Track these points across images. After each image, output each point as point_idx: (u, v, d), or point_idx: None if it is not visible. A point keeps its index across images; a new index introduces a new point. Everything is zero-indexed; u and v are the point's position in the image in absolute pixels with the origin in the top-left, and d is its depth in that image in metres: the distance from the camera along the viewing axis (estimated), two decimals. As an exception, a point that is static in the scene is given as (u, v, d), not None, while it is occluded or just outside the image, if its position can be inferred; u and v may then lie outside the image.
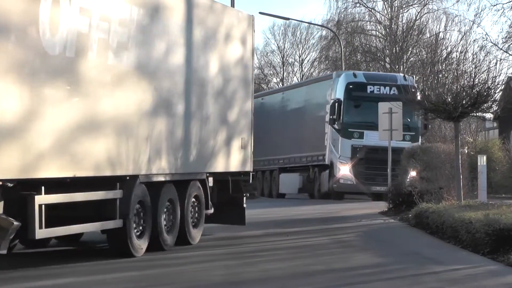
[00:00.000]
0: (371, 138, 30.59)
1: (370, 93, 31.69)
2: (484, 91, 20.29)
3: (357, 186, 31.34)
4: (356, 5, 48.38)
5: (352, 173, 31.16)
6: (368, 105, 30.88)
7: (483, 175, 22.70)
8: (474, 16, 51.79)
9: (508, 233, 14.02)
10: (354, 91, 32.00)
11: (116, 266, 13.34)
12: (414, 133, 31.41)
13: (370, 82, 32.01)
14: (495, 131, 46.40)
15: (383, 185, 29.12)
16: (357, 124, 31.73)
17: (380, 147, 29.28)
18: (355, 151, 31.35)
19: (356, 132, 31.54)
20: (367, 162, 31.06)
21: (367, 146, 31.11)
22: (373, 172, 30.83)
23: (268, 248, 16.00)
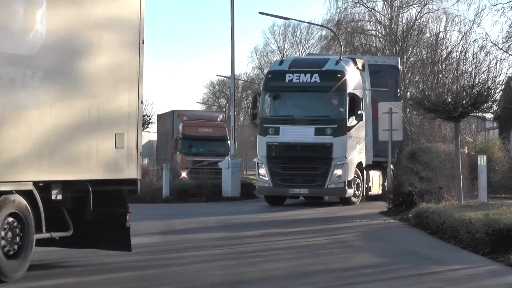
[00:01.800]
0: (287, 134, 26.75)
1: (289, 82, 27.20)
2: (484, 91, 20.30)
3: (274, 189, 27.09)
4: (356, 5, 48.39)
5: (268, 174, 26.89)
6: (285, 96, 27.48)
7: (483, 175, 22.68)
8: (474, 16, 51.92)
9: (508, 233, 14.03)
10: (271, 81, 27.87)
11: (116, 266, 13.34)
12: (337, 126, 26.65)
13: (291, 69, 27.44)
14: (495, 131, 46.42)
15: (303, 187, 26.65)
16: (272, 119, 27.38)
17: (298, 144, 26.56)
18: (270, 149, 26.99)
19: (271, 128, 27.10)
20: (283, 161, 26.78)
21: (283, 143, 26.78)
22: (290, 172, 26.62)
23: (268, 248, 16.00)
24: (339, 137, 26.46)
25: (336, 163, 26.30)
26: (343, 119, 26.69)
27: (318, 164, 26.28)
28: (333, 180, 26.40)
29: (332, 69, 26.98)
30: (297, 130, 26.49)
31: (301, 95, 27.07)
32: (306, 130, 26.47)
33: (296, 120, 26.64)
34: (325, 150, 26.31)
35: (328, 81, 26.62)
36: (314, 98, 26.97)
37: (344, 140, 26.57)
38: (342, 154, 26.50)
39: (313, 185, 26.49)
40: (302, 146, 26.38)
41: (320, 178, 26.41)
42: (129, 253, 13.65)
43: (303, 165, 26.22)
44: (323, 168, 26.34)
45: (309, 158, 26.22)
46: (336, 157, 26.35)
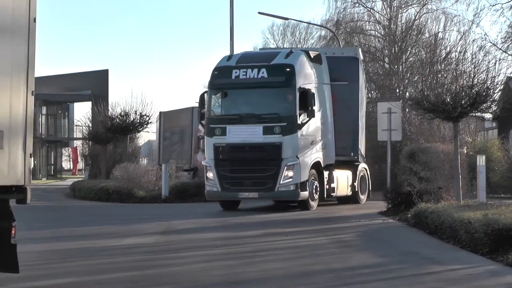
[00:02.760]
0: (234, 134, 24.87)
1: (235, 79, 25.25)
2: (483, 91, 20.33)
3: (223, 194, 25.31)
4: (355, 5, 48.34)
5: (216, 178, 25.12)
6: (232, 94, 25.65)
7: (482, 175, 22.71)
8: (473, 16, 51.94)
9: (507, 233, 14.06)
10: (217, 78, 25.79)
11: (116, 266, 13.37)
12: (287, 124, 24.53)
13: (238, 65, 25.46)
14: (494, 131, 46.43)
15: (252, 190, 24.78)
16: (218, 119, 25.53)
17: (246, 145, 24.68)
18: (217, 151, 25.14)
19: (217, 128, 25.18)
20: (232, 163, 24.97)
21: (230, 145, 24.89)
22: (239, 175, 24.81)
23: (267, 248, 16.03)
24: (289, 135, 24.50)
25: (286, 164, 24.41)
26: (293, 117, 24.61)
27: (267, 165, 24.43)
28: (284, 182, 24.45)
29: (280, 63, 25.09)
30: (245, 130, 24.72)
31: (249, 92, 25.30)
32: (254, 130, 24.63)
33: (243, 119, 24.87)
34: (274, 150, 24.43)
35: (276, 76, 24.77)
36: (262, 94, 25.18)
37: (295, 138, 24.61)
38: (293, 154, 24.58)
39: (263, 188, 24.62)
40: (250, 147, 24.63)
41: (270, 181, 24.51)
42: (129, 253, 13.69)
43: (252, 167, 24.49)
44: (273, 169, 24.44)
45: (258, 159, 24.42)
46: (286, 158, 24.45)
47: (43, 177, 72.31)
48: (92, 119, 48.12)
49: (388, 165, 29.84)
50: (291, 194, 24.64)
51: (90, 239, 17.26)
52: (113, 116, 39.68)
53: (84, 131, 55.94)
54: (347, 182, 28.02)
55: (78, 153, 76.17)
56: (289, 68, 24.76)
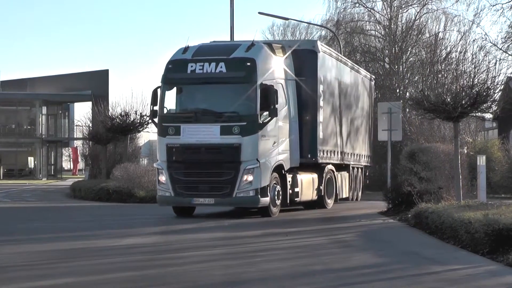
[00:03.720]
0: (189, 134, 22.63)
1: (191, 73, 22.92)
2: (483, 91, 20.32)
3: (176, 199, 22.93)
4: (356, 5, 48.36)
5: (169, 182, 22.80)
6: (187, 89, 23.43)
7: (482, 175, 22.71)
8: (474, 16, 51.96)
9: (507, 233, 14.05)
10: (171, 72, 23.38)
11: (116, 266, 13.36)
12: (247, 123, 22.25)
13: (194, 58, 23.12)
14: (495, 131, 46.45)
15: (208, 196, 22.50)
16: (172, 117, 23.21)
17: (202, 146, 22.42)
18: (171, 152, 22.82)
19: (171, 127, 22.91)
20: (186, 166, 22.66)
21: (185, 145, 22.61)
22: (194, 179, 22.56)
23: (267, 248, 16.02)
24: (249, 136, 22.19)
25: (245, 167, 22.12)
26: (253, 115, 22.28)
27: (224, 169, 22.20)
28: (243, 187, 22.16)
29: (240, 57, 22.78)
30: (201, 130, 22.48)
31: (205, 88, 23.02)
32: (210, 129, 22.35)
33: (199, 118, 22.60)
34: (232, 152, 22.15)
35: (236, 70, 22.53)
36: (220, 91, 22.96)
37: (255, 139, 22.29)
38: (253, 157, 22.25)
39: (219, 194, 22.33)
40: (206, 148, 22.37)
41: (228, 186, 22.19)
42: (129, 253, 13.69)
43: (208, 171, 22.30)
44: (231, 173, 22.17)
45: (214, 162, 22.23)
46: (245, 160, 22.16)
47: (43, 177, 72.34)
48: (92, 119, 48.10)
49: (388, 165, 29.84)
50: (250, 201, 22.37)
51: (90, 239, 17.25)
52: (113, 116, 39.65)
53: (84, 131, 55.87)
54: (312, 186, 25.72)
55: (78, 153, 76.24)
56: (250, 62, 22.58)
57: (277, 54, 23.86)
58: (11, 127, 75.63)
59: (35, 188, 50.92)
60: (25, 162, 76.40)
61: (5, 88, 75.76)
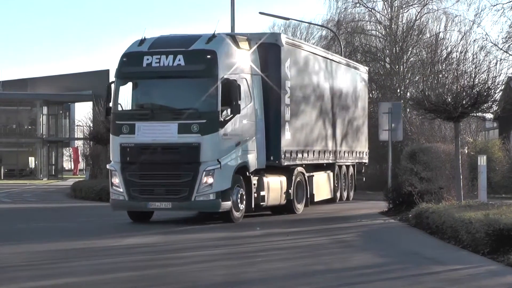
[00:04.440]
0: (144, 132, 20.88)
1: (147, 66, 21.21)
2: (484, 91, 20.32)
3: (130, 203, 21.04)
4: (356, 5, 48.29)
5: (123, 184, 20.93)
6: (143, 84, 21.72)
7: (483, 175, 22.70)
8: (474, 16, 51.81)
9: (508, 233, 14.04)
10: (126, 65, 21.57)
11: (116, 266, 13.37)
12: (207, 121, 20.47)
13: (151, 51, 21.41)
14: (495, 131, 46.45)
15: (165, 200, 20.62)
16: (126, 114, 21.43)
17: (159, 145, 20.72)
18: (125, 152, 21.00)
19: (125, 126, 21.09)
20: (141, 167, 20.80)
21: (140, 145, 20.82)
22: (150, 182, 20.80)
23: (268, 248, 16.02)
24: (209, 135, 20.45)
25: (205, 169, 20.30)
26: (214, 112, 20.52)
27: (182, 170, 20.44)
28: (202, 190, 20.33)
29: (200, 49, 21.02)
30: (157, 128, 20.82)
31: (162, 83, 21.34)
32: (167, 128, 20.69)
33: (155, 115, 20.97)
34: (191, 152, 20.39)
35: (195, 64, 20.91)
36: (178, 86, 21.35)
37: (216, 138, 20.56)
38: (214, 157, 20.48)
39: (177, 198, 20.50)
40: (163, 148, 20.66)
41: (186, 189, 20.40)
42: (129, 253, 13.70)
43: (164, 172, 20.57)
44: (189, 175, 20.37)
45: (171, 163, 20.50)
46: (205, 161, 20.37)
47: (44, 177, 72.34)
48: (93, 119, 48.11)
49: (389, 165, 29.81)
50: (210, 205, 20.55)
51: (91, 239, 17.26)
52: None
53: (85, 131, 55.95)
54: (280, 190, 23.57)
55: (79, 153, 76.21)
56: (211, 55, 20.84)
57: (241, 47, 22.05)
58: (12, 127, 75.66)
59: (36, 188, 50.94)
60: (25, 162, 76.43)
61: (6, 88, 75.81)
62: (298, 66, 25.04)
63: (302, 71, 25.50)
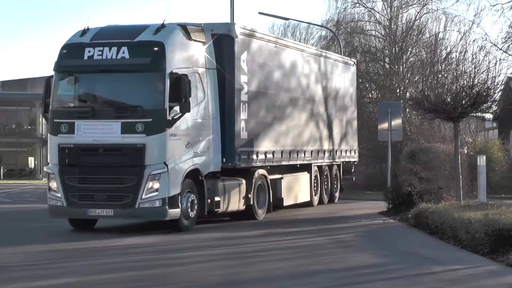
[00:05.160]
0: (85, 132, 18.95)
1: (88, 59, 19.25)
2: (483, 91, 20.34)
3: (69, 210, 19.03)
4: (356, 5, 48.29)
5: (61, 189, 18.98)
6: (84, 79, 19.78)
7: (482, 175, 22.71)
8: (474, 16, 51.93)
9: (507, 233, 14.07)
10: (66, 58, 19.62)
11: (116, 266, 13.38)
12: (153, 119, 18.63)
13: (93, 42, 19.47)
14: (495, 131, 46.44)
15: (106, 206, 18.66)
16: (65, 112, 19.49)
17: (100, 146, 18.79)
18: (63, 153, 19.04)
19: (64, 124, 19.17)
20: (81, 171, 18.91)
21: (79, 146, 18.89)
22: (90, 186, 18.87)
23: (267, 248, 16.03)
24: (155, 135, 18.60)
25: (150, 173, 18.41)
26: (160, 110, 18.65)
27: (126, 174, 18.55)
28: (147, 196, 18.42)
29: (147, 40, 19.24)
30: (98, 127, 18.94)
31: (105, 78, 19.46)
32: (110, 127, 18.82)
33: (97, 113, 18.98)
34: (135, 154, 18.52)
35: (141, 56, 19.04)
36: (122, 81, 19.43)
37: (163, 139, 18.67)
38: (160, 160, 18.56)
39: (119, 204, 18.56)
40: (104, 149, 18.78)
41: (130, 194, 18.47)
42: (129, 253, 13.71)
43: (106, 176, 18.70)
44: (133, 179, 18.49)
45: (114, 166, 18.65)
46: (150, 164, 18.48)
47: (44, 177, 72.30)
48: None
49: (388, 165, 29.80)
50: (156, 213, 18.59)
51: (90, 239, 17.25)
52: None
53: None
54: (238, 194, 21.60)
55: (79, 153, 76.12)
56: (158, 47, 19.02)
57: (194, 38, 20.01)
58: (12, 127, 75.64)
59: (36, 188, 50.90)
60: (25, 162, 76.41)
61: (5, 88, 75.80)
62: (260, 59, 22.92)
63: (265, 64, 23.33)
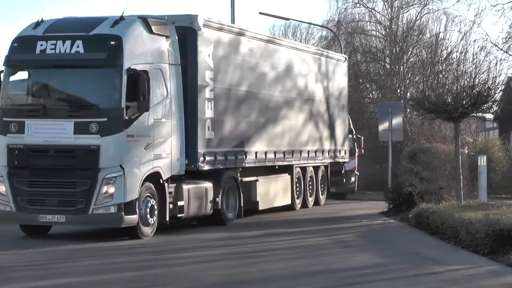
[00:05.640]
0: (35, 132, 17.57)
1: (40, 54, 17.88)
2: (484, 91, 20.34)
3: (18, 215, 17.55)
4: (356, 5, 48.31)
5: (10, 193, 17.53)
6: (35, 75, 18.33)
7: (483, 176, 22.72)
8: (474, 16, 51.92)
9: (508, 233, 14.06)
10: (17, 52, 18.27)
11: (116, 266, 13.38)
12: (108, 119, 17.18)
13: (46, 35, 18.00)
14: (495, 131, 46.42)
15: (58, 212, 17.16)
16: (14, 109, 18.03)
17: (51, 147, 17.34)
18: (12, 154, 17.61)
19: (13, 123, 17.77)
20: (31, 173, 17.49)
21: (29, 146, 17.48)
22: (40, 190, 17.45)
23: (268, 248, 16.02)
24: (111, 136, 17.20)
25: (105, 177, 17.02)
26: (117, 109, 17.23)
27: (79, 177, 17.14)
28: (101, 202, 17.02)
29: (103, 34, 17.80)
30: (50, 127, 17.54)
31: (58, 74, 18.03)
32: (62, 127, 17.42)
33: (48, 112, 17.58)
34: (88, 156, 17.13)
35: (96, 51, 17.65)
36: (76, 77, 17.91)
37: (119, 140, 17.26)
38: (116, 162, 17.15)
39: (72, 210, 17.12)
40: (56, 151, 17.32)
41: (83, 199, 17.08)
42: (130, 253, 13.72)
43: (57, 180, 17.24)
44: (86, 183, 17.08)
45: (66, 168, 17.19)
46: (105, 167, 17.08)
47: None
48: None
49: (389, 165, 29.79)
50: (111, 219, 17.16)
51: (91, 239, 17.24)
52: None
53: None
54: (205, 198, 20.02)
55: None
56: (115, 40, 17.62)
57: (155, 31, 18.56)
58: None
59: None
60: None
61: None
62: (230, 54, 21.36)
63: (237, 59, 21.73)
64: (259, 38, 23.31)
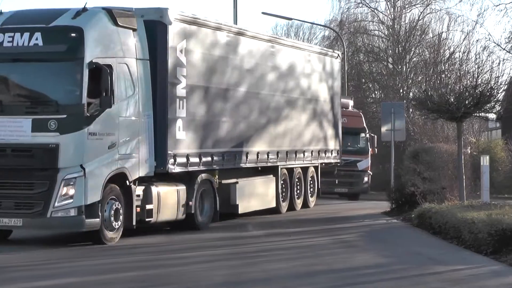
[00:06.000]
0: None
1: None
2: (487, 91, 20.32)
3: None
4: (359, 5, 48.39)
5: None
6: None
7: (485, 175, 22.68)
8: (477, 16, 51.96)
9: (510, 233, 14.03)
10: None
11: (118, 266, 13.36)
12: (68, 116, 16.07)
13: (4, 27, 17.00)
14: (498, 131, 46.38)
15: (14, 215, 16.01)
16: None
17: (7, 146, 16.25)
18: None
19: None
20: None
21: None
22: None
23: (270, 248, 16.00)
24: (71, 134, 16.12)
25: (64, 177, 15.91)
26: (77, 105, 16.16)
27: (36, 178, 16.10)
28: (61, 204, 15.85)
29: (63, 25, 16.75)
30: (6, 124, 16.44)
31: (15, 67, 16.97)
32: (19, 124, 16.42)
33: (4, 108, 16.52)
34: (46, 155, 16.05)
35: (56, 44, 16.66)
36: (34, 71, 16.90)
37: (80, 138, 16.17)
38: (76, 162, 16.05)
39: (29, 213, 15.99)
40: (13, 150, 16.29)
41: (40, 202, 15.94)
42: (131, 253, 13.69)
43: (13, 181, 16.18)
44: (44, 185, 15.99)
45: (23, 169, 16.15)
46: (65, 167, 15.95)
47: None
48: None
49: (391, 165, 29.78)
50: (71, 223, 15.99)
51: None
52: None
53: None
54: (177, 202, 18.80)
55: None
56: (76, 33, 16.56)
57: (121, 24, 17.43)
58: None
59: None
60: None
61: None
62: (205, 50, 20.11)
63: (214, 55, 20.50)
64: (240, 33, 21.83)
